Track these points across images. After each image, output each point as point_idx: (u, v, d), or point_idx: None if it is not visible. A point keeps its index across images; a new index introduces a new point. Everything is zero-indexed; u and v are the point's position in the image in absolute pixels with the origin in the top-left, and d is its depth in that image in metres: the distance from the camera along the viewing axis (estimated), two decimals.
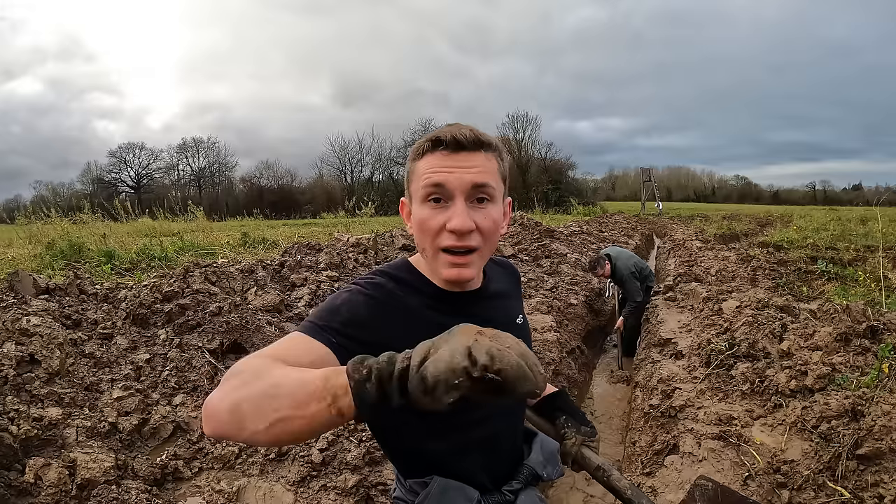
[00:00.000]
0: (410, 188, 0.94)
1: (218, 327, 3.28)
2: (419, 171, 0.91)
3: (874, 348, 3.03)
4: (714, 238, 12.70)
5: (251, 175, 50.05)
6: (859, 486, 2.08)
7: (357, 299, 0.90)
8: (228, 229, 11.40)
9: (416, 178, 0.91)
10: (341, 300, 0.90)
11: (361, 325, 0.86)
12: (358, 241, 6.67)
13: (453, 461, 0.97)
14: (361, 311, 0.88)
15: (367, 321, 0.87)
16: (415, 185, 0.92)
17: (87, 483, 2.07)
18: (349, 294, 0.91)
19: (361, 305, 0.89)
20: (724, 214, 23.88)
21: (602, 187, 64.53)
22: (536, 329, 4.79)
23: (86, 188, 42.51)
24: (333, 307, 0.88)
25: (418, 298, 0.95)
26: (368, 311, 0.89)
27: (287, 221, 20.32)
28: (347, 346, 0.83)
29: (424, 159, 0.90)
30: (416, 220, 0.91)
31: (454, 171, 0.88)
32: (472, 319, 0.94)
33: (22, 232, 7.48)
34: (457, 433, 0.97)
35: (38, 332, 2.74)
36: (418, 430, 0.95)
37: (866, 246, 9.30)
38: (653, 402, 3.43)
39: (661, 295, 6.59)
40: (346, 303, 0.89)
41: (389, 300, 0.92)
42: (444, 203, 0.89)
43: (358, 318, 0.87)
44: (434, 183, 0.88)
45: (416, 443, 0.96)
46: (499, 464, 1.04)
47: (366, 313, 0.88)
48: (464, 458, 0.98)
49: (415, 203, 0.92)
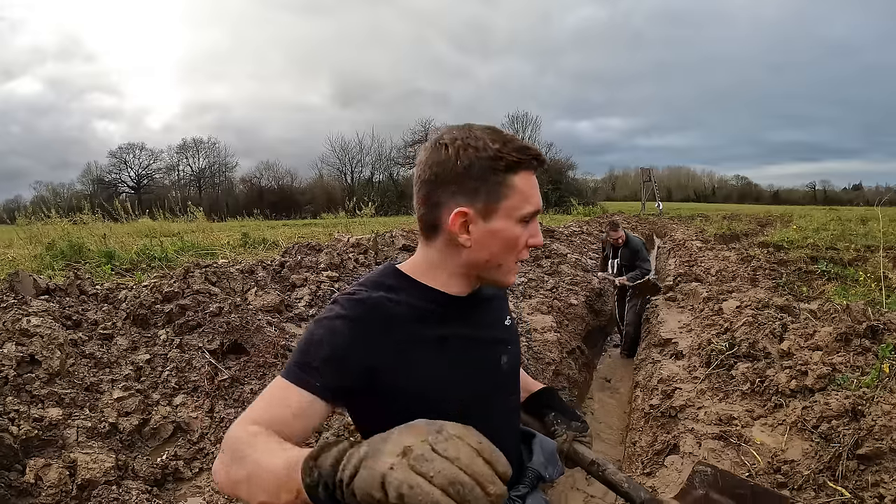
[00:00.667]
0: (501, 203, 0.87)
1: (218, 328, 3.28)
2: (519, 188, 0.87)
3: (874, 348, 3.03)
4: (714, 238, 12.70)
5: (251, 175, 50.11)
6: (859, 486, 2.08)
7: (335, 326, 0.84)
8: (228, 230, 11.40)
9: (517, 196, 0.87)
10: (320, 332, 0.84)
11: (342, 359, 0.82)
12: (358, 242, 6.67)
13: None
14: (341, 342, 0.83)
15: (349, 351, 0.83)
16: (513, 202, 0.87)
17: (87, 483, 2.07)
18: (328, 321, 0.85)
19: (340, 334, 0.83)
20: (724, 214, 23.88)
21: (602, 187, 64.55)
22: (536, 329, 4.79)
23: (86, 189, 42.52)
24: (312, 341, 0.84)
25: (416, 306, 0.91)
26: (350, 338, 0.84)
27: (287, 222, 20.33)
28: (331, 386, 0.82)
29: (522, 176, 0.88)
30: (507, 236, 0.88)
31: (539, 193, 0.92)
32: (468, 323, 0.95)
33: (22, 232, 7.48)
34: None
35: (39, 333, 2.74)
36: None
37: (866, 246, 9.30)
38: (653, 402, 3.43)
39: (662, 295, 6.59)
40: (326, 333, 0.84)
41: (373, 315, 0.86)
42: (529, 221, 0.91)
43: (338, 350, 0.83)
44: (537, 207, 0.90)
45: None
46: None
47: (348, 342, 0.83)
48: None
49: (505, 219, 0.88)
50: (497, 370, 1.01)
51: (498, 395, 1.03)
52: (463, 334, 0.95)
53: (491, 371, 1.00)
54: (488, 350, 1.00)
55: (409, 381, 0.87)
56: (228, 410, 2.70)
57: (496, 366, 1.01)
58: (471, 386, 0.96)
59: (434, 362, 0.90)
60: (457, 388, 0.93)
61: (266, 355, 3.19)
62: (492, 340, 1.01)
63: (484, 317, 1.01)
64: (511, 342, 1.06)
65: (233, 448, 0.73)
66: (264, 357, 3.17)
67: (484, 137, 0.86)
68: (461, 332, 0.95)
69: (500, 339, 1.03)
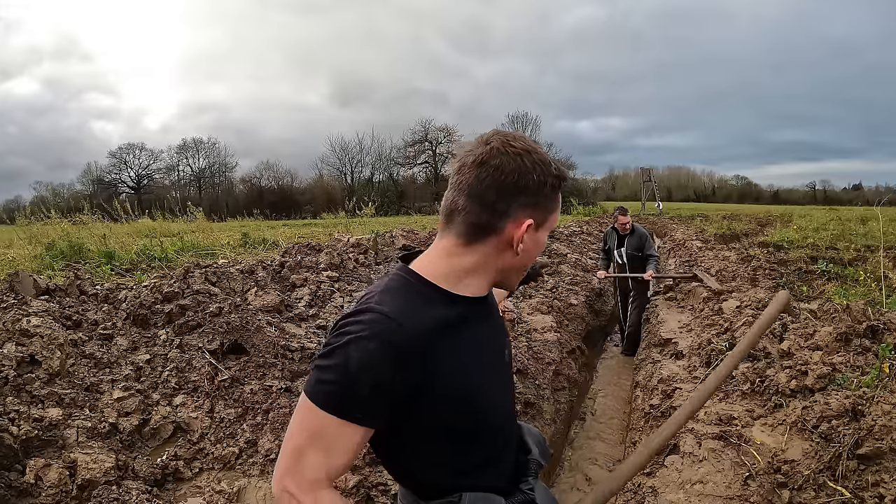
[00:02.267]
0: (550, 217, 0.96)
1: (218, 328, 3.28)
2: (558, 205, 0.97)
3: (874, 348, 3.02)
4: (714, 238, 12.71)
5: (251, 175, 50.04)
6: (860, 486, 2.08)
7: (370, 353, 0.81)
8: (228, 230, 11.39)
9: (556, 211, 0.97)
10: (355, 359, 0.80)
11: (387, 388, 0.82)
12: (358, 242, 6.67)
13: (476, 474, 0.96)
14: (380, 371, 0.81)
15: (389, 378, 0.81)
16: (554, 217, 0.97)
17: (87, 483, 2.07)
18: (359, 344, 0.81)
19: (377, 362, 0.81)
20: (724, 214, 23.86)
21: (602, 187, 64.46)
22: (537, 329, 4.79)
23: (86, 189, 42.47)
24: (349, 371, 0.80)
25: (444, 314, 0.89)
26: (388, 364, 0.81)
27: (287, 222, 20.32)
28: (378, 414, 0.84)
29: (559, 195, 0.96)
30: (541, 245, 0.98)
31: None
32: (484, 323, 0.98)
33: (22, 233, 7.48)
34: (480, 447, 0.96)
35: (39, 333, 2.74)
36: (440, 454, 0.93)
37: (866, 246, 9.29)
38: (653, 402, 3.43)
39: (662, 295, 6.59)
40: (363, 362, 0.80)
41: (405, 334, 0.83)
42: None
43: (381, 380, 0.81)
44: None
45: (437, 466, 0.94)
46: (510, 463, 1.05)
47: (385, 369, 0.81)
48: (485, 469, 0.97)
49: (546, 231, 0.97)
50: (506, 366, 1.05)
51: (509, 389, 1.07)
52: (482, 335, 0.98)
53: (503, 367, 1.04)
54: (499, 347, 1.03)
55: (448, 390, 0.88)
56: (228, 410, 2.70)
57: (504, 361, 1.05)
58: (496, 386, 0.99)
59: (467, 368, 0.91)
60: (485, 395, 0.95)
61: (266, 355, 3.18)
62: (499, 336, 1.05)
63: (492, 315, 1.04)
64: (506, 333, 1.12)
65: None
66: (264, 357, 3.17)
67: (544, 153, 0.92)
68: (481, 333, 0.97)
69: (503, 333, 1.08)
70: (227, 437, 2.56)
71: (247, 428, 2.60)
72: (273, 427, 2.58)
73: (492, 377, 0.97)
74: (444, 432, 0.91)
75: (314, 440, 0.83)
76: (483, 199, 0.88)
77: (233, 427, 2.61)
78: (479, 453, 0.96)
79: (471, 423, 0.92)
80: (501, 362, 1.03)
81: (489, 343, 0.99)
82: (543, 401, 3.67)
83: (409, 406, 0.85)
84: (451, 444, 0.92)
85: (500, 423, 1.00)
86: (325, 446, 0.83)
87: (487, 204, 0.88)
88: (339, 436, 0.82)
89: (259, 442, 2.52)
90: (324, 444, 0.82)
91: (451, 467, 0.94)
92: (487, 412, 0.95)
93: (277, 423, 2.59)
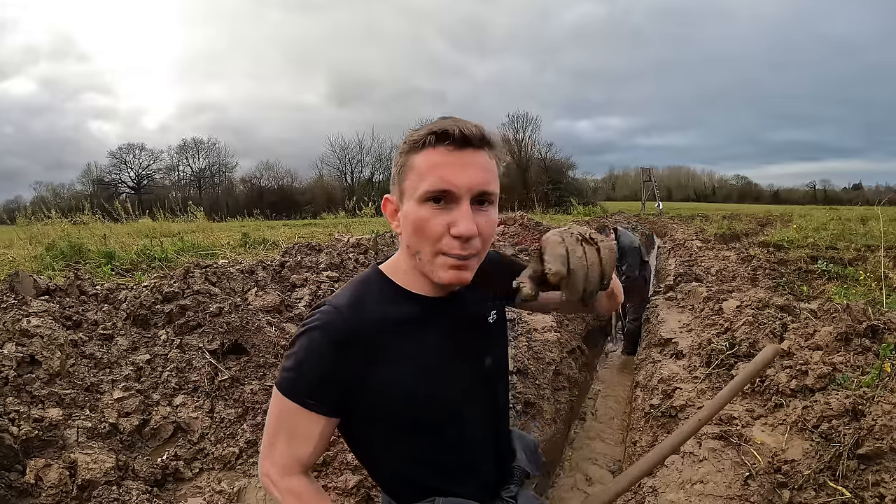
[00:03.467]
0: (404, 184, 0.85)
1: (218, 328, 3.28)
2: (418, 166, 0.82)
3: (875, 348, 3.02)
4: (714, 238, 12.70)
5: (251, 175, 50.04)
6: (860, 486, 2.07)
7: (316, 344, 0.85)
8: (229, 230, 11.39)
9: (414, 174, 0.83)
10: (303, 348, 0.85)
11: (332, 379, 0.85)
12: (358, 242, 6.68)
13: (448, 480, 0.95)
14: (325, 361, 0.84)
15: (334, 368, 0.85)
16: (411, 182, 0.83)
17: (87, 484, 2.07)
18: (309, 335, 0.85)
19: (322, 354, 0.84)
20: (724, 214, 23.86)
21: (602, 187, 64.49)
22: (537, 329, 4.79)
23: (86, 189, 42.46)
24: (300, 361, 0.85)
25: (395, 312, 0.89)
26: (332, 356, 0.84)
27: (287, 222, 20.31)
28: (332, 403, 0.87)
29: (424, 154, 0.82)
30: (413, 219, 0.83)
31: (461, 171, 0.81)
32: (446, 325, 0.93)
33: (22, 233, 7.48)
34: (446, 455, 0.95)
35: (39, 333, 2.74)
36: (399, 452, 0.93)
37: (866, 245, 9.29)
38: (653, 402, 3.43)
39: (662, 295, 6.59)
40: (310, 353, 0.85)
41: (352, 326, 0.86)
42: (445, 204, 0.81)
43: (326, 370, 0.85)
44: (441, 184, 0.80)
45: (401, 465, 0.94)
46: (491, 471, 1.03)
47: (330, 360, 0.84)
48: (456, 476, 0.95)
49: (409, 201, 0.84)
50: (480, 371, 0.98)
51: (484, 396, 1.00)
52: (444, 337, 0.93)
53: (476, 374, 0.98)
54: (470, 351, 0.97)
55: (392, 387, 0.87)
56: (228, 410, 2.70)
57: (480, 367, 0.98)
58: (459, 392, 0.94)
59: (416, 367, 0.89)
60: (440, 398, 0.92)
61: (266, 355, 3.18)
62: (474, 342, 0.98)
63: (465, 318, 0.97)
64: (496, 341, 1.03)
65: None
66: (264, 357, 3.17)
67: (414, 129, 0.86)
68: (442, 334, 0.93)
69: (483, 338, 1.00)
70: (228, 437, 2.56)
71: (247, 428, 2.60)
72: None
73: (455, 380, 0.93)
74: (398, 430, 0.91)
75: (280, 426, 0.88)
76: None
77: (233, 427, 2.61)
78: (448, 457, 0.94)
79: (426, 423, 0.91)
80: (476, 367, 0.97)
81: (455, 345, 0.93)
82: (543, 401, 3.67)
83: (353, 397, 0.87)
84: (412, 444, 0.92)
85: (470, 428, 0.96)
86: (289, 432, 0.87)
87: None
88: (298, 422, 0.86)
89: (259, 442, 2.52)
90: (287, 430, 0.88)
91: (419, 469, 0.93)
92: (447, 414, 0.92)
93: None
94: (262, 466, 0.91)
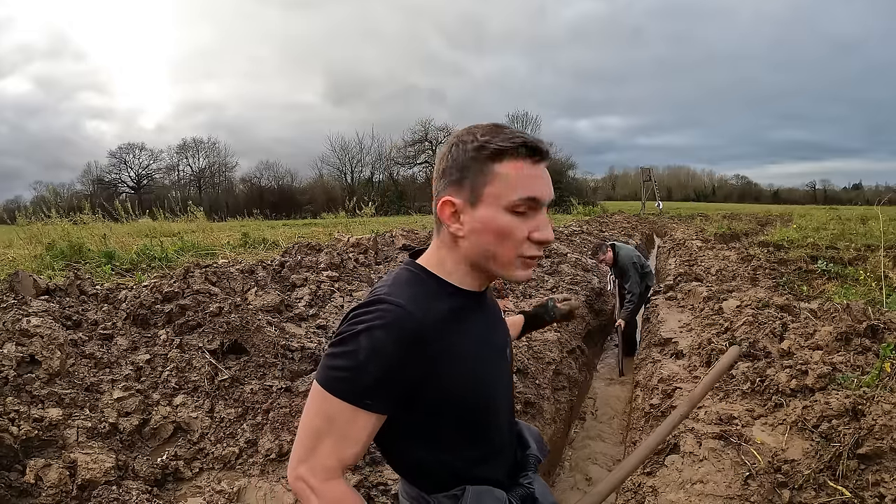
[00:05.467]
0: (483, 190, 0.87)
1: (218, 328, 3.28)
2: (506, 175, 0.86)
3: (875, 347, 3.03)
4: (714, 237, 12.69)
5: (251, 175, 50.06)
6: (860, 486, 2.07)
7: (379, 343, 0.83)
8: (229, 229, 11.40)
9: (501, 182, 0.86)
10: (365, 347, 0.83)
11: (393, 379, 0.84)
12: (358, 242, 6.67)
13: (480, 467, 0.97)
14: (388, 362, 0.83)
15: (397, 368, 0.84)
16: (496, 189, 0.86)
17: (87, 483, 2.07)
18: (370, 333, 0.83)
19: (386, 354, 0.83)
20: (724, 214, 23.87)
21: (602, 187, 64.47)
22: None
23: (86, 189, 42.49)
24: (360, 360, 0.82)
25: (447, 306, 0.91)
26: (397, 356, 0.83)
27: (287, 222, 20.32)
28: (389, 401, 0.86)
29: (512, 164, 0.86)
30: (496, 226, 0.87)
31: (544, 183, 0.89)
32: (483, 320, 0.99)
33: (22, 232, 7.47)
34: (483, 437, 0.97)
35: (39, 333, 2.74)
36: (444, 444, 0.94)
37: (867, 245, 9.29)
38: (653, 402, 3.43)
39: (662, 294, 6.59)
40: (371, 352, 0.82)
41: (414, 324, 0.85)
42: (527, 211, 0.88)
43: (389, 371, 0.83)
44: (533, 194, 0.87)
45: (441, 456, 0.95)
46: (510, 458, 1.07)
47: (394, 361, 0.83)
48: (488, 462, 0.99)
49: (491, 207, 0.87)
50: (507, 363, 1.06)
51: (507, 385, 1.07)
52: (483, 329, 0.98)
53: (504, 364, 1.04)
54: (500, 344, 1.03)
55: (454, 378, 0.89)
56: (228, 410, 2.70)
57: (506, 358, 1.05)
58: (496, 381, 0.99)
59: (470, 359, 0.92)
60: (486, 388, 0.96)
61: (266, 355, 3.18)
62: (500, 334, 1.05)
63: (492, 312, 1.04)
64: (508, 334, 1.12)
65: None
66: (264, 357, 3.16)
67: (477, 132, 0.88)
68: (481, 326, 0.97)
69: (503, 330, 1.08)
70: (228, 437, 2.56)
71: (247, 428, 2.60)
72: (273, 427, 2.58)
73: (494, 370, 0.99)
74: (450, 421, 0.92)
75: (327, 428, 0.85)
76: (433, 193, 0.94)
77: (233, 427, 2.61)
78: (483, 444, 0.97)
79: (475, 412, 0.94)
80: (503, 358, 1.04)
81: (489, 338, 1.00)
82: (543, 400, 3.67)
83: (417, 393, 0.87)
84: (456, 433, 0.94)
85: (501, 416, 1.01)
86: (338, 433, 0.85)
87: (432, 196, 0.94)
88: (351, 422, 0.84)
89: (259, 442, 2.52)
90: (336, 432, 0.85)
91: (456, 458, 0.95)
92: (489, 403, 0.97)
93: (277, 423, 2.59)
94: (297, 471, 0.87)
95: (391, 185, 44.86)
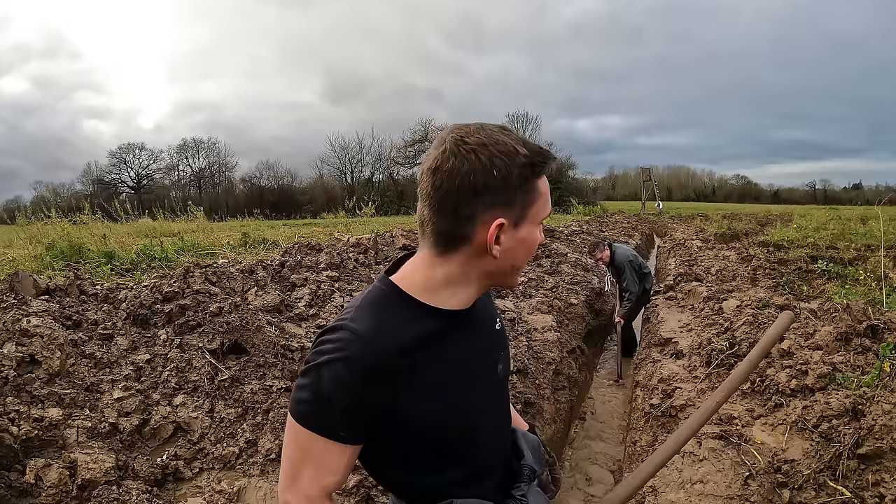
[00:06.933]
0: (530, 209, 0.84)
1: (218, 328, 3.28)
2: (542, 192, 0.86)
3: (875, 347, 3.02)
4: (714, 237, 12.69)
5: (251, 175, 50.08)
6: (860, 486, 2.07)
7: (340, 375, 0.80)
8: (229, 229, 11.39)
9: (541, 200, 0.86)
10: (328, 380, 0.80)
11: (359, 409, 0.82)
12: (358, 241, 6.67)
13: (465, 485, 0.95)
14: (351, 391, 0.81)
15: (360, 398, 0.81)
16: (538, 208, 0.86)
17: (87, 483, 2.07)
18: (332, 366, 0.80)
19: (348, 383, 0.80)
20: (725, 214, 23.87)
21: (602, 187, 64.43)
22: (537, 329, 4.79)
23: (86, 189, 42.50)
24: (322, 393, 0.81)
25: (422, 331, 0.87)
26: (360, 386, 0.81)
27: (287, 221, 20.31)
28: (358, 432, 0.85)
29: (543, 180, 0.86)
30: (531, 241, 0.87)
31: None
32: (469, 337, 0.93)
33: (22, 232, 7.47)
34: (467, 463, 0.94)
35: (39, 333, 2.74)
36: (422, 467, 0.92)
37: (867, 245, 9.29)
38: (653, 402, 3.43)
39: (662, 294, 6.59)
40: (334, 385, 0.80)
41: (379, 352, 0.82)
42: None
43: (353, 401, 0.81)
44: (549, 209, 0.89)
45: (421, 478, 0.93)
46: (501, 472, 1.03)
47: (357, 390, 0.81)
48: (474, 479, 0.96)
49: (530, 224, 0.86)
50: (495, 379, 1.00)
51: (499, 404, 1.02)
52: (467, 348, 0.93)
53: (492, 381, 0.99)
54: (488, 360, 0.98)
55: (425, 406, 0.85)
56: (228, 410, 2.70)
57: (495, 375, 1.00)
58: (480, 403, 0.95)
59: (443, 383, 0.88)
60: (469, 412, 0.92)
61: (266, 355, 3.18)
62: (489, 350, 0.99)
63: (480, 326, 0.98)
64: (503, 346, 1.04)
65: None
66: (264, 357, 3.16)
67: (507, 141, 0.82)
68: (464, 348, 0.92)
69: (495, 345, 1.01)
70: (228, 436, 2.56)
71: (247, 428, 2.60)
72: (273, 427, 2.58)
73: (476, 391, 0.93)
74: (427, 447, 0.89)
75: (304, 458, 0.84)
76: (443, 208, 0.82)
77: (233, 427, 2.61)
78: (469, 464, 0.94)
79: (457, 439, 0.91)
80: (492, 375, 0.99)
81: (475, 356, 0.94)
82: (543, 400, 3.67)
83: (387, 422, 0.85)
84: (435, 459, 0.91)
85: (489, 436, 0.97)
86: (316, 464, 0.84)
87: (448, 212, 0.82)
88: (325, 453, 0.84)
89: (259, 442, 2.52)
90: (313, 462, 0.84)
91: (438, 480, 0.92)
92: (473, 427, 0.93)
93: (277, 423, 2.59)
94: (284, 497, 0.87)
95: (391, 185, 44.84)
